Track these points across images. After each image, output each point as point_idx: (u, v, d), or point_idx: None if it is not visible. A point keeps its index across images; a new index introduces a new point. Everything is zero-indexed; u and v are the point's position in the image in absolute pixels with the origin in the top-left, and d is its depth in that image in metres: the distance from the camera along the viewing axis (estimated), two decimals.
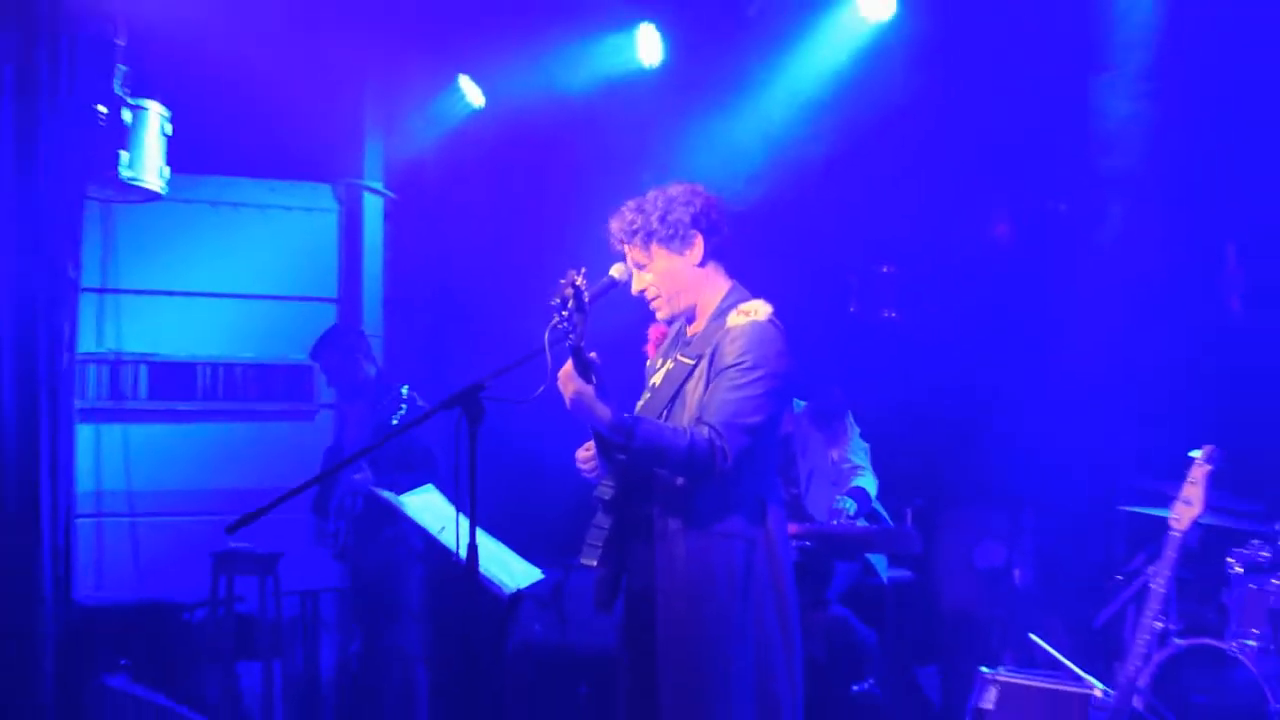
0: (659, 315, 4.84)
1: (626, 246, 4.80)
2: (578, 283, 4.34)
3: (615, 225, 4.80)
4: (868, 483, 7.63)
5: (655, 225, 4.72)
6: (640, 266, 4.79)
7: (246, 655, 8.40)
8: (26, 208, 5.82)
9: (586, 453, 4.78)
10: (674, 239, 4.72)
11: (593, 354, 4.47)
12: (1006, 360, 7.72)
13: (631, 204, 4.79)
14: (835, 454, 7.73)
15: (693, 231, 4.73)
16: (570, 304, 4.33)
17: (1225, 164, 7.21)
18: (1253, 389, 7.10)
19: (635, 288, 4.81)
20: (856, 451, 7.74)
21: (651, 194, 4.79)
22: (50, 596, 5.74)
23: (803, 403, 7.86)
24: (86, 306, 7.37)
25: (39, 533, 5.73)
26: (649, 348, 5.01)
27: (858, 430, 7.82)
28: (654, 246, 4.74)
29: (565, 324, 4.35)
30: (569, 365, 4.46)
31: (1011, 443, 7.86)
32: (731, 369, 4.56)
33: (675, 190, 4.78)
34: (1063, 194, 7.95)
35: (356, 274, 9.62)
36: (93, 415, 8.64)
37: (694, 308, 4.82)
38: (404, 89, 9.39)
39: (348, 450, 7.47)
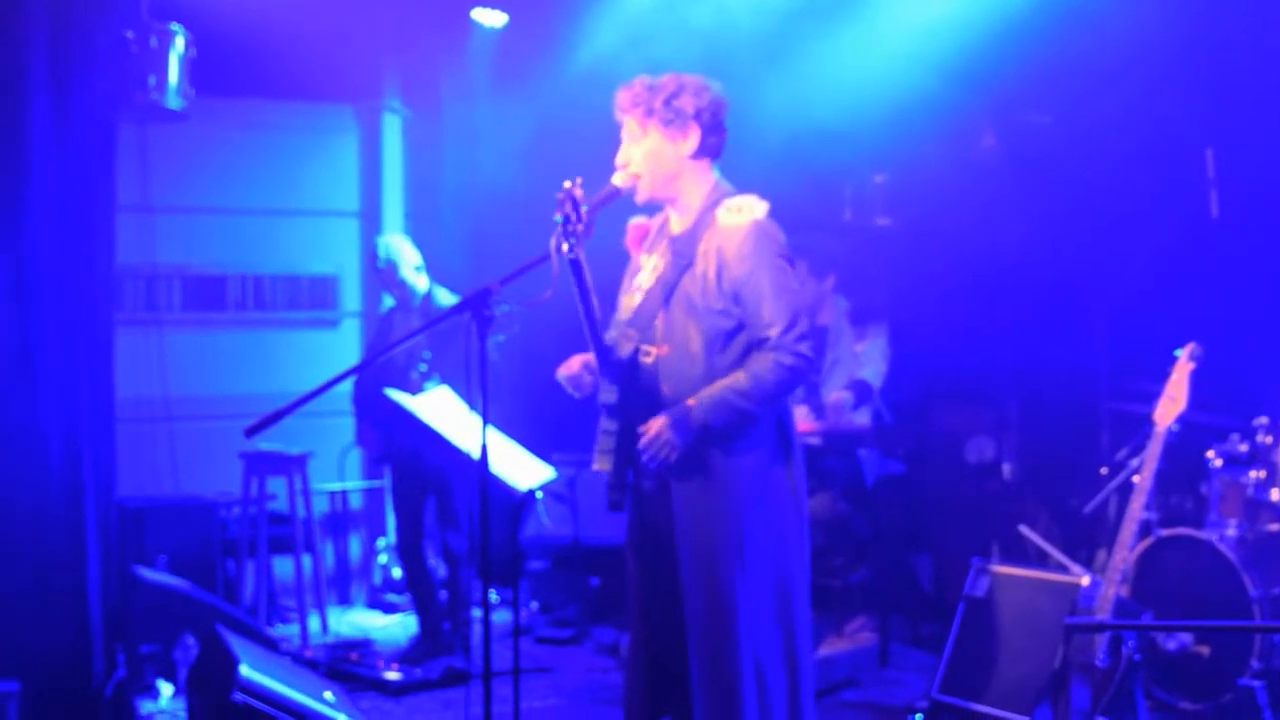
0: (638, 195, 4.53)
1: (626, 116, 4.53)
2: (576, 193, 4.14)
3: (623, 94, 4.52)
4: (870, 374, 7.44)
5: (658, 105, 4.44)
6: (633, 139, 4.53)
7: (279, 551, 8.35)
8: (64, 131, 5.58)
9: (567, 370, 4.56)
10: (672, 123, 4.44)
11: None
12: (995, 263, 7.52)
13: (645, 78, 4.52)
14: (859, 347, 7.57)
15: (692, 122, 4.45)
16: (571, 215, 4.14)
17: (1204, 73, 6.95)
18: (1231, 292, 6.92)
19: (620, 159, 4.54)
20: (874, 348, 7.51)
21: (668, 76, 4.51)
22: (92, 496, 5.54)
23: (846, 302, 7.65)
24: (124, 223, 7.24)
25: (80, 436, 5.54)
26: (629, 244, 4.73)
27: (885, 338, 7.58)
28: (651, 124, 4.46)
29: (568, 236, 4.14)
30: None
31: (1000, 343, 7.77)
32: (757, 272, 4.33)
33: (689, 80, 4.50)
34: (1046, 107, 7.70)
35: (377, 189, 9.49)
36: (131, 325, 8.52)
37: (674, 199, 4.56)
38: (422, 13, 9.12)
39: (393, 359, 7.18)
